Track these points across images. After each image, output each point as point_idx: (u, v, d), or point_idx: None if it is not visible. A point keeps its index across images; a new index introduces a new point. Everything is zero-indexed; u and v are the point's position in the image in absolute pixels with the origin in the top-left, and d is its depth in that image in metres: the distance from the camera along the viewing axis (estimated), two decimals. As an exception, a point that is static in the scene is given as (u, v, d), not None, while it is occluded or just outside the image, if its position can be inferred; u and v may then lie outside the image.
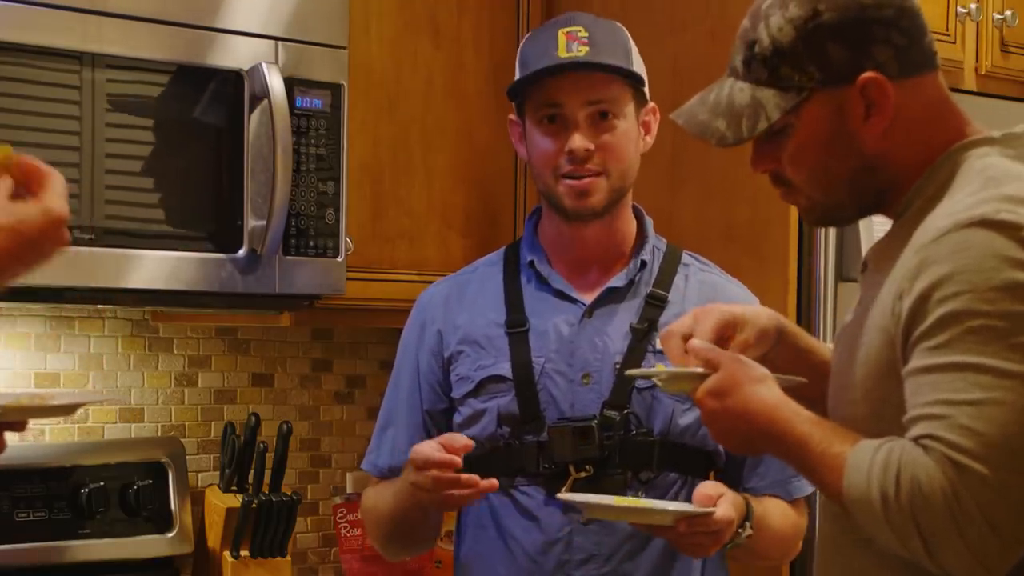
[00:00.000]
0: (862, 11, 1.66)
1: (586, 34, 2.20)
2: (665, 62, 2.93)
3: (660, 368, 2.04)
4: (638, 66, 2.24)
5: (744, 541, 2.07)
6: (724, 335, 1.84)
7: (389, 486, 2.25)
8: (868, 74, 1.65)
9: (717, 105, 1.73)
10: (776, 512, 2.21)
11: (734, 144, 1.72)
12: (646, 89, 2.26)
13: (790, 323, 1.94)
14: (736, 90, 1.72)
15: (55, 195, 1.49)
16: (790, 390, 1.78)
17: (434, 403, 2.28)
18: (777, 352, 1.89)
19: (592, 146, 2.18)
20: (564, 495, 2.04)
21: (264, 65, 2.55)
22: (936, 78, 1.72)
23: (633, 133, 2.23)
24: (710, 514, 1.98)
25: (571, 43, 2.19)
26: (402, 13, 2.94)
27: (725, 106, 1.72)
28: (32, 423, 1.72)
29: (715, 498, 2.01)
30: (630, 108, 2.22)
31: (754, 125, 1.69)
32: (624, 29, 2.28)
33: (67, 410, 1.67)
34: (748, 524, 2.07)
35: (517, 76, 2.25)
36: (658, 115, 2.28)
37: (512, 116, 2.29)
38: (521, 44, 2.30)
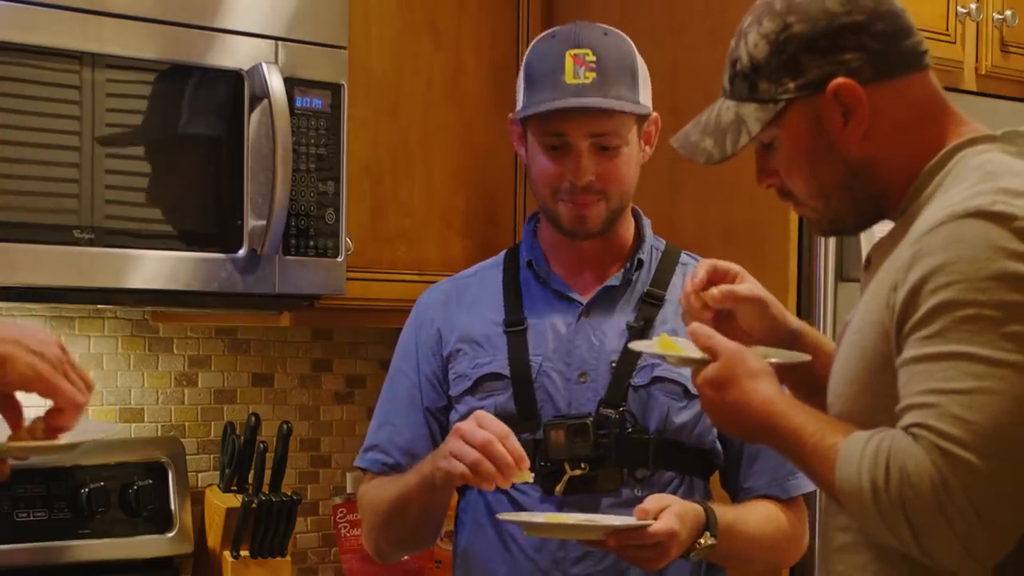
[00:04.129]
0: (832, 19, 1.68)
1: (593, 58, 2.19)
2: (665, 62, 2.93)
3: (663, 337, 2.06)
4: (644, 87, 2.24)
5: (707, 550, 2.08)
6: (714, 280, 1.91)
7: (390, 480, 2.25)
8: (838, 80, 1.67)
9: (707, 125, 1.78)
10: (756, 517, 2.20)
11: (720, 161, 1.76)
12: (649, 104, 2.25)
13: (813, 330, 1.97)
14: (723, 108, 1.77)
15: None
16: (794, 367, 1.82)
17: (434, 401, 2.28)
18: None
19: (594, 176, 2.19)
20: (503, 515, 2.05)
21: (264, 65, 2.55)
22: (925, 78, 1.73)
23: (635, 155, 2.24)
24: (643, 528, 1.99)
25: (578, 68, 2.18)
26: (402, 14, 2.94)
27: (713, 125, 1.77)
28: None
29: (653, 512, 2.01)
30: (633, 134, 2.23)
31: (737, 140, 1.74)
32: (630, 46, 2.26)
33: (68, 448, 1.68)
34: (708, 533, 2.07)
35: (521, 88, 2.25)
36: (659, 124, 2.29)
37: (512, 116, 2.29)
38: (527, 52, 2.28)
